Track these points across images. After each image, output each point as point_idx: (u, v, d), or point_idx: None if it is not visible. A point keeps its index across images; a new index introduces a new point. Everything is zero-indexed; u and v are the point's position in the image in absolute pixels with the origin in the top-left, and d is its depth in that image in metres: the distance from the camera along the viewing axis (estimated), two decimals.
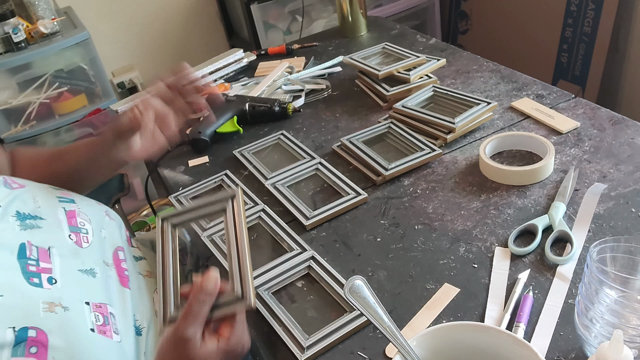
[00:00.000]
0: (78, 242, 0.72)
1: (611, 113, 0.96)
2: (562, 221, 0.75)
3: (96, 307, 0.66)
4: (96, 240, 0.75)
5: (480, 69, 1.21)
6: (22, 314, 0.59)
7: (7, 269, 0.62)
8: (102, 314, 0.66)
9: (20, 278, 0.62)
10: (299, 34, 2.25)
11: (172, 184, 1.04)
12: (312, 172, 0.96)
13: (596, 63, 2.09)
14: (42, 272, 0.64)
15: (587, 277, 0.54)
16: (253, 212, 0.88)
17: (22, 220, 0.69)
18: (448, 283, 0.70)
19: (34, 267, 0.64)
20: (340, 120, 1.13)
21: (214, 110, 1.16)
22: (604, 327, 0.53)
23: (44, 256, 0.66)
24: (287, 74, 1.31)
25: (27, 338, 0.57)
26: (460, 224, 0.80)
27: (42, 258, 0.66)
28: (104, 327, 0.65)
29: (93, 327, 0.64)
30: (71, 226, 0.73)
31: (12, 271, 0.62)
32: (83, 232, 0.74)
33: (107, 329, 0.65)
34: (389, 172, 0.90)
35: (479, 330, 0.54)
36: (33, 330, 0.58)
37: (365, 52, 1.26)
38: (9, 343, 0.56)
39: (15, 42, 1.84)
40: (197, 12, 2.53)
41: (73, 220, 0.74)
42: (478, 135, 0.99)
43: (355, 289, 0.60)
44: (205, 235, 0.84)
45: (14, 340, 0.56)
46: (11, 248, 0.64)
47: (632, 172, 0.83)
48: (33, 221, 0.70)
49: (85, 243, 0.73)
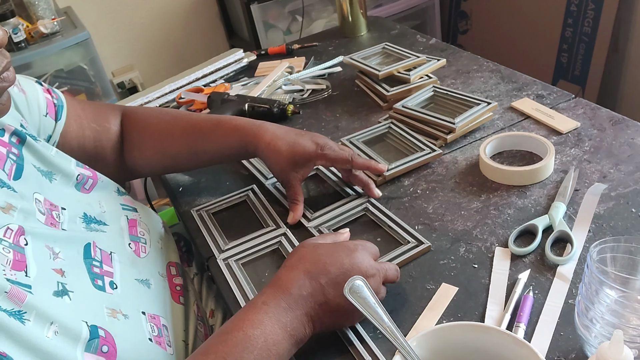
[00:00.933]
0: (137, 252, 0.72)
1: (611, 113, 0.96)
2: (562, 221, 0.75)
3: (151, 317, 0.66)
4: (153, 251, 0.75)
5: (480, 69, 1.21)
6: (92, 313, 0.58)
7: (76, 267, 0.62)
8: (156, 325, 0.66)
9: (87, 278, 0.62)
10: (299, 34, 2.25)
11: (172, 184, 1.04)
12: (313, 172, 0.97)
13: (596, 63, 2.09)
14: (105, 275, 0.64)
15: (587, 277, 0.54)
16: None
17: (88, 223, 0.69)
18: (448, 283, 0.70)
19: (97, 268, 0.64)
20: (340, 120, 1.13)
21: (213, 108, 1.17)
22: (604, 327, 0.53)
23: (107, 259, 0.66)
24: (287, 74, 1.31)
25: (99, 336, 0.57)
26: (460, 224, 0.80)
27: (105, 261, 0.66)
28: (159, 339, 0.65)
29: (151, 336, 0.63)
30: (132, 235, 0.73)
31: (80, 270, 0.62)
32: (142, 241, 0.74)
33: (162, 340, 0.65)
34: (389, 172, 0.90)
35: (479, 331, 0.54)
36: (102, 330, 0.57)
37: (365, 52, 1.26)
38: (84, 337, 0.55)
39: (15, 42, 1.84)
40: (197, 12, 2.54)
41: (134, 229, 0.74)
42: (478, 136, 0.99)
43: (355, 289, 0.60)
44: (221, 257, 0.81)
45: (89, 336, 0.56)
46: (77, 248, 0.64)
47: (632, 172, 0.83)
48: (97, 225, 0.70)
49: (143, 253, 0.73)
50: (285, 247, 0.80)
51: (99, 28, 2.31)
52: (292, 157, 0.82)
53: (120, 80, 2.37)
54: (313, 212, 0.86)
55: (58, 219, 0.66)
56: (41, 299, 0.54)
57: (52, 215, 0.65)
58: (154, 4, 2.43)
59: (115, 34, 2.40)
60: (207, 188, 1.00)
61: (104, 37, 2.33)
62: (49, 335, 0.52)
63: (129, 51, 2.46)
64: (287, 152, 0.82)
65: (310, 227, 0.83)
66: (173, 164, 0.92)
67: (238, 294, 0.74)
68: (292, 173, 0.83)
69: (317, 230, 0.82)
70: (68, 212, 0.68)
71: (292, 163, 0.82)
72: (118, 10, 2.37)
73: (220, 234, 0.86)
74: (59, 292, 0.57)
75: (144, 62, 2.49)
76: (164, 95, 1.34)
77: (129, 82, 2.38)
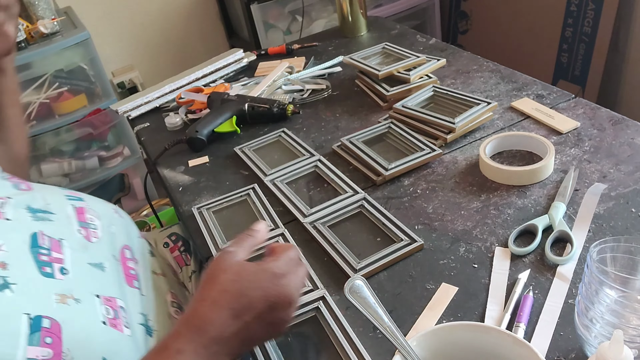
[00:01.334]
0: (87, 237, 0.72)
1: (611, 113, 0.96)
2: (562, 221, 0.75)
3: (106, 300, 0.65)
4: (105, 236, 0.75)
5: (480, 69, 1.21)
6: (36, 303, 0.58)
7: (20, 257, 0.61)
8: (112, 307, 0.65)
9: (33, 267, 0.61)
10: (299, 34, 2.25)
11: (172, 184, 1.04)
12: (312, 170, 0.97)
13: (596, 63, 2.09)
14: (54, 262, 0.64)
15: (587, 277, 0.54)
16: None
17: (34, 212, 0.69)
18: (448, 283, 0.70)
19: (45, 256, 0.64)
20: (340, 120, 1.13)
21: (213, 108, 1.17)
22: (604, 327, 0.53)
23: (56, 246, 0.66)
24: (287, 74, 1.31)
25: (41, 328, 0.56)
26: (460, 224, 0.80)
27: (54, 248, 0.66)
28: (115, 321, 0.64)
29: (104, 319, 0.63)
30: (80, 221, 0.73)
31: (25, 260, 0.61)
32: (92, 227, 0.74)
33: (118, 322, 0.65)
34: (389, 172, 0.90)
35: (479, 331, 0.54)
36: (47, 320, 0.57)
37: (365, 52, 1.26)
38: (24, 331, 0.55)
39: None
40: (197, 12, 2.54)
41: (82, 216, 0.74)
42: (478, 135, 0.99)
43: (355, 289, 0.60)
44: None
45: (29, 329, 0.55)
46: (23, 237, 0.64)
47: (632, 172, 0.83)
48: (44, 214, 0.70)
49: (95, 238, 0.73)
50: None
51: (99, 28, 2.31)
52: None
53: (120, 80, 2.37)
54: (309, 208, 0.86)
55: (2, 209, 0.65)
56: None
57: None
58: (154, 4, 2.43)
59: (115, 34, 2.40)
60: (207, 188, 1.00)
61: (104, 37, 2.33)
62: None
63: (129, 51, 2.46)
64: None
65: (306, 223, 0.83)
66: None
67: None
68: None
69: (312, 227, 0.83)
70: (14, 201, 0.67)
71: None
72: (118, 10, 2.37)
73: (219, 232, 0.86)
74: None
75: (144, 62, 2.49)
76: (164, 95, 1.34)
77: (129, 82, 2.39)
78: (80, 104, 2.06)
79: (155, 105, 1.33)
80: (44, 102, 1.98)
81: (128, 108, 1.32)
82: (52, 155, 2.10)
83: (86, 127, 2.10)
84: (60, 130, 2.04)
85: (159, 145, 1.16)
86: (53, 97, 2.00)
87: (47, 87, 1.98)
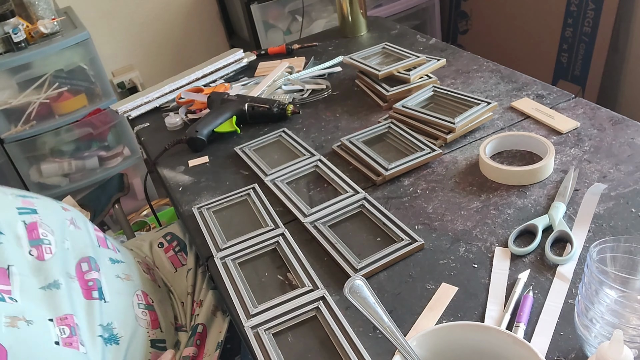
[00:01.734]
0: (40, 256, 0.69)
1: (611, 113, 0.96)
2: (562, 221, 0.75)
3: (61, 320, 0.64)
4: (59, 252, 0.73)
5: (480, 69, 1.21)
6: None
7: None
8: (68, 325, 0.64)
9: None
10: (299, 34, 2.25)
11: (172, 184, 1.04)
12: (312, 169, 0.97)
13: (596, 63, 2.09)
14: (2, 292, 0.62)
15: (587, 277, 0.54)
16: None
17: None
18: (448, 283, 0.70)
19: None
20: (340, 120, 1.13)
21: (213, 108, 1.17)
22: (604, 327, 0.53)
23: (3, 277, 0.64)
24: (287, 74, 1.31)
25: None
26: (460, 224, 0.80)
27: (1, 279, 0.63)
28: (70, 339, 0.63)
29: (58, 340, 0.62)
30: (32, 240, 0.70)
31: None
32: (45, 243, 0.71)
33: (74, 339, 0.64)
34: (389, 172, 0.90)
35: (479, 331, 0.54)
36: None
37: (365, 52, 1.26)
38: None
39: (15, 42, 1.84)
40: (197, 12, 2.53)
41: (34, 232, 0.71)
42: (478, 135, 0.99)
43: (355, 289, 0.60)
44: (218, 256, 0.81)
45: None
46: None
47: (632, 172, 0.83)
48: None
49: (48, 254, 0.70)
50: (282, 248, 0.80)
51: (99, 28, 2.31)
52: None
53: (120, 80, 2.37)
54: (310, 208, 0.86)
55: None
56: None
57: None
58: (154, 4, 2.43)
59: (115, 34, 2.40)
60: (207, 188, 1.00)
61: (104, 37, 2.33)
62: None
63: (129, 51, 2.46)
64: None
65: (306, 223, 0.83)
66: None
67: (232, 294, 0.74)
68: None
69: (312, 226, 0.83)
70: None
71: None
72: (118, 10, 2.37)
73: (219, 232, 0.86)
74: None
75: (144, 62, 2.49)
76: (164, 95, 1.34)
77: (129, 82, 2.38)
78: (80, 104, 2.06)
79: (155, 105, 1.33)
80: (44, 102, 1.98)
81: (128, 108, 1.32)
82: (52, 155, 2.10)
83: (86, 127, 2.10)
84: (60, 130, 2.04)
85: (159, 145, 1.16)
86: (53, 97, 2.00)
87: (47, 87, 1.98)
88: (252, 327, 0.69)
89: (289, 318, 0.70)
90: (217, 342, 0.84)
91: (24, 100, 1.95)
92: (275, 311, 0.71)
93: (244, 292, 0.74)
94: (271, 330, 0.69)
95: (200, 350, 0.83)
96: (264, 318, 0.70)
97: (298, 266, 0.76)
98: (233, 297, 0.74)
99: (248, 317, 0.70)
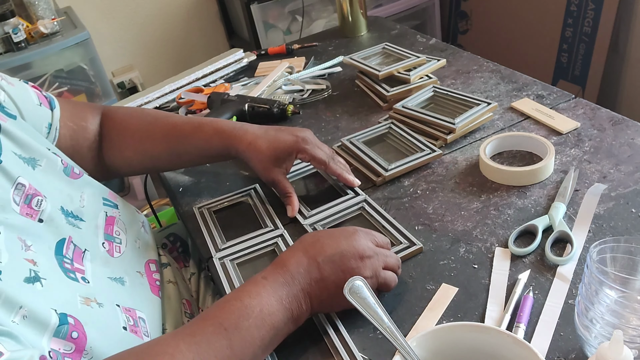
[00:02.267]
0: (110, 252, 0.73)
1: (611, 113, 0.96)
2: (562, 221, 0.75)
3: (126, 310, 0.67)
4: (129, 251, 0.76)
5: (480, 69, 1.21)
6: (62, 301, 0.59)
7: (47, 259, 0.63)
8: (132, 317, 0.67)
9: (59, 270, 0.63)
10: (299, 34, 2.25)
11: (172, 184, 1.04)
12: (314, 170, 0.97)
13: (596, 63, 2.09)
14: (76, 271, 0.65)
15: (587, 277, 0.54)
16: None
17: (66, 216, 0.70)
18: (448, 283, 0.70)
19: (69, 264, 0.65)
20: (340, 121, 1.13)
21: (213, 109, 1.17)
22: (604, 328, 0.53)
23: (78, 257, 0.67)
24: (287, 74, 1.31)
25: (68, 323, 0.58)
26: (460, 224, 0.80)
27: (76, 259, 0.67)
28: (135, 328, 0.66)
29: (125, 325, 0.65)
30: (107, 234, 0.74)
31: (51, 263, 0.63)
32: (117, 241, 0.75)
33: (138, 330, 0.67)
34: (389, 172, 0.90)
35: (479, 331, 0.54)
36: (72, 319, 0.58)
37: (365, 52, 1.26)
38: (53, 324, 0.56)
39: (15, 42, 1.84)
40: (197, 12, 2.54)
41: (110, 227, 0.75)
42: (478, 136, 0.99)
43: (355, 290, 0.60)
44: (217, 256, 0.81)
45: (58, 322, 0.57)
46: (49, 243, 0.65)
47: (632, 173, 0.83)
48: (74, 220, 0.71)
49: (117, 253, 0.74)
50: (281, 249, 0.80)
51: (99, 28, 2.31)
52: (273, 153, 0.83)
53: (120, 80, 2.37)
54: (310, 210, 0.86)
55: (38, 207, 0.65)
56: (10, 285, 0.55)
57: (30, 204, 0.64)
58: (154, 4, 2.43)
59: (115, 34, 2.40)
60: (207, 188, 1.00)
61: (104, 37, 2.33)
62: (16, 320, 0.53)
63: (129, 51, 2.46)
64: (267, 149, 0.83)
65: (305, 225, 0.83)
66: (153, 164, 0.93)
67: None
68: (275, 169, 0.85)
69: (312, 228, 0.83)
70: (49, 202, 0.67)
71: (274, 159, 0.84)
72: (118, 10, 2.37)
73: (219, 232, 0.86)
74: (31, 279, 0.58)
75: (144, 62, 2.49)
76: (164, 95, 1.34)
77: (129, 82, 2.38)
78: None
79: (155, 105, 1.33)
80: None
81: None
82: None
83: None
84: None
85: None
86: None
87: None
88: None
89: None
90: None
91: None
92: None
93: None
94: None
95: None
96: None
97: None
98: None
99: None
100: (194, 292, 0.93)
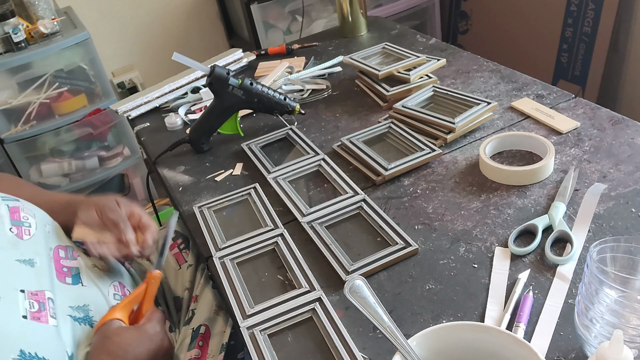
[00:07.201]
0: (19, 235, 0.73)
1: (611, 113, 0.96)
2: (562, 221, 0.75)
3: (32, 294, 0.68)
4: (40, 233, 0.76)
5: (480, 69, 1.21)
6: None
7: None
8: (37, 300, 0.68)
9: None
10: (299, 34, 2.25)
11: (172, 184, 1.04)
12: (315, 168, 0.97)
13: (596, 63, 2.09)
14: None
15: (587, 277, 0.54)
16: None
17: None
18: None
19: None
20: (340, 120, 1.13)
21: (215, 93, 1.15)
22: (604, 327, 0.53)
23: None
24: (287, 74, 1.31)
25: None
26: (460, 224, 0.80)
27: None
28: (39, 314, 0.66)
29: (26, 314, 0.65)
30: (13, 220, 0.74)
31: None
32: (25, 225, 0.75)
33: (43, 314, 0.67)
34: (389, 172, 0.90)
35: (479, 330, 0.54)
36: None
37: (365, 52, 1.26)
38: None
39: (15, 42, 1.84)
40: (197, 12, 2.53)
41: (16, 214, 0.75)
42: (478, 135, 0.99)
43: (355, 289, 0.60)
44: (217, 256, 0.81)
45: None
46: None
47: (632, 172, 0.83)
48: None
49: (27, 235, 0.74)
50: (281, 248, 0.80)
51: (99, 28, 2.31)
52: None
53: (120, 80, 2.37)
54: (308, 208, 0.86)
55: None
56: None
57: None
58: (154, 4, 2.43)
59: (115, 34, 2.40)
60: (207, 188, 1.00)
61: (104, 37, 2.33)
62: None
63: (129, 51, 2.46)
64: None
65: (303, 223, 0.83)
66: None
67: (230, 294, 0.74)
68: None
69: (310, 226, 0.83)
70: None
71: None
72: (118, 10, 2.37)
73: (219, 231, 0.86)
74: None
75: (144, 62, 2.49)
76: (164, 95, 1.34)
77: (129, 82, 2.38)
78: (80, 104, 2.06)
79: (155, 105, 1.33)
80: (44, 102, 1.98)
81: (128, 108, 1.32)
82: (52, 155, 2.10)
83: (86, 127, 2.10)
84: (60, 130, 2.04)
85: (159, 145, 1.16)
86: (53, 97, 2.00)
87: (47, 87, 1.98)
88: (247, 328, 0.69)
89: (285, 319, 0.70)
90: (221, 344, 0.83)
91: (24, 100, 1.95)
92: (271, 312, 0.71)
93: (242, 292, 0.74)
94: (267, 331, 0.69)
95: (204, 352, 0.82)
96: (260, 319, 0.70)
97: (296, 267, 0.76)
98: (230, 297, 0.74)
99: (244, 317, 0.70)
100: (189, 282, 0.93)
